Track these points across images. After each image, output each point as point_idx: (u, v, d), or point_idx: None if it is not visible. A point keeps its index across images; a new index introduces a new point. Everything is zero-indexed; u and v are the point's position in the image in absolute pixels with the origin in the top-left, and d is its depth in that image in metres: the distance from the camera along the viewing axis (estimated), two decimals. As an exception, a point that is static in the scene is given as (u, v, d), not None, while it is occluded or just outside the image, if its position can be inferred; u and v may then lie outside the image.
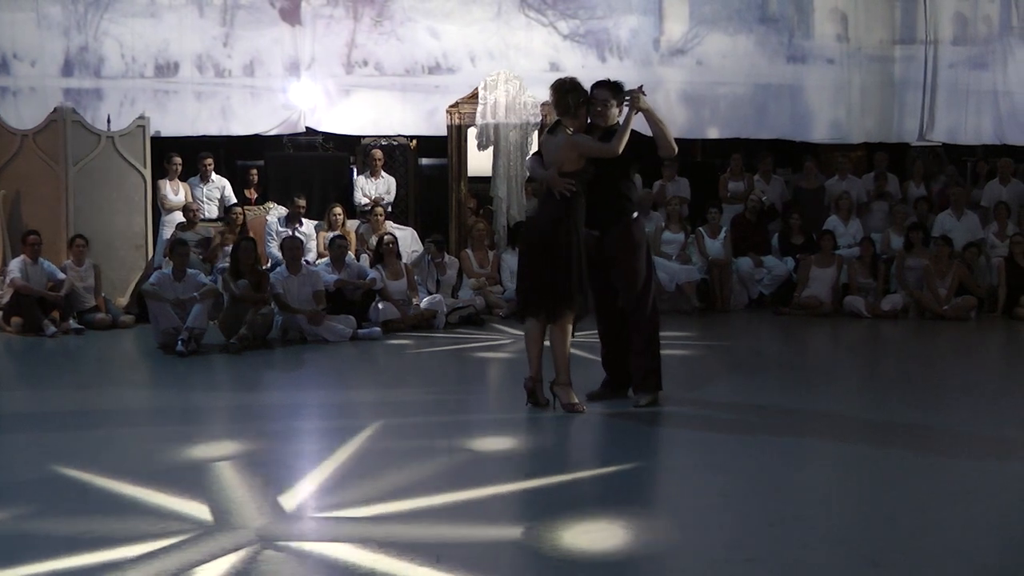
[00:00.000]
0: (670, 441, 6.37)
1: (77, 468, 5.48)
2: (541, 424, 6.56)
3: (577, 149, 6.65)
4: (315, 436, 6.59)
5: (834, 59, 14.41)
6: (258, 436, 6.33)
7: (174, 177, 12.57)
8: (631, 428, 6.52)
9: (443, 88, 13.74)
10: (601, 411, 6.83)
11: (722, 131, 14.48)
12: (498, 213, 12.77)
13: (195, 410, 7.31)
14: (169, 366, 8.88)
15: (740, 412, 6.90)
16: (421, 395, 7.65)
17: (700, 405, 7.10)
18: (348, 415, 7.06)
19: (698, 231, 12.72)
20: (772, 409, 7.03)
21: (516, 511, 5.01)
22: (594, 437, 6.48)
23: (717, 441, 6.16)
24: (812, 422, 6.68)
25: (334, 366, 9.08)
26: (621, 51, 14.09)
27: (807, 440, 6.22)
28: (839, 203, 13.11)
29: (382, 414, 6.91)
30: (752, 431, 6.35)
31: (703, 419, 6.70)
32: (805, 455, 5.93)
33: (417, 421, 6.73)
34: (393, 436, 6.31)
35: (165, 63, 13.57)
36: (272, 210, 12.77)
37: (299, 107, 13.73)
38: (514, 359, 6.87)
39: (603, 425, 6.64)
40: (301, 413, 7.18)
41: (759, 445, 6.04)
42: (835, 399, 7.53)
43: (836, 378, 8.60)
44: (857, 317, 11.68)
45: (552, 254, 6.56)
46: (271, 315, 9.98)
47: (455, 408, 7.17)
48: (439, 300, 11.08)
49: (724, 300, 12.44)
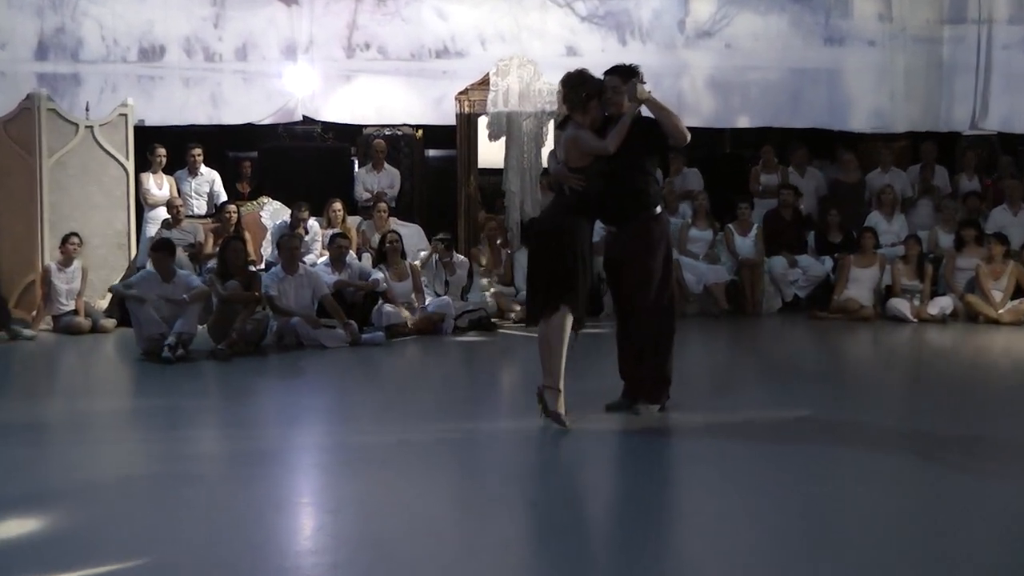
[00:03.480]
0: (693, 455, 6.33)
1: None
2: (552, 438, 6.55)
3: (577, 145, 6.71)
4: (307, 459, 6.58)
5: (876, 41, 14.34)
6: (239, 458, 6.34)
7: (159, 170, 12.55)
8: (648, 442, 6.49)
9: (451, 73, 13.72)
10: (616, 424, 6.81)
11: (753, 120, 14.43)
12: (511, 208, 12.74)
13: (177, 419, 7.31)
14: (153, 373, 8.88)
15: (770, 425, 6.86)
16: (427, 405, 7.64)
17: (727, 417, 7.06)
18: (347, 433, 7.03)
19: (727, 228, 12.68)
20: (806, 421, 6.99)
21: (514, 545, 4.95)
22: (609, 452, 6.45)
23: (745, 455, 6.12)
24: (850, 436, 6.63)
25: (331, 375, 9.08)
26: (643, 34, 14.06)
27: (844, 455, 6.17)
28: (881, 198, 13.05)
29: (384, 430, 6.89)
30: (783, 444, 6.31)
31: (730, 431, 6.66)
32: (842, 471, 5.88)
33: (421, 434, 6.71)
34: (396, 458, 6.29)
35: (150, 46, 13.58)
36: (266, 205, 12.79)
37: (296, 94, 13.73)
38: (528, 366, 6.86)
39: (618, 439, 6.62)
40: (291, 429, 7.16)
41: (791, 460, 6.00)
42: (876, 411, 7.47)
43: (877, 388, 8.55)
44: (901, 322, 11.61)
45: (556, 250, 6.57)
46: (265, 320, 9.98)
47: (463, 416, 7.16)
48: (447, 303, 11.06)
49: (755, 303, 12.38)
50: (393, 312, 10.71)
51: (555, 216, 6.79)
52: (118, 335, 10.76)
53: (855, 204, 13.35)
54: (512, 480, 5.78)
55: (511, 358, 10.11)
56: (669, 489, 5.78)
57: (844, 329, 11.31)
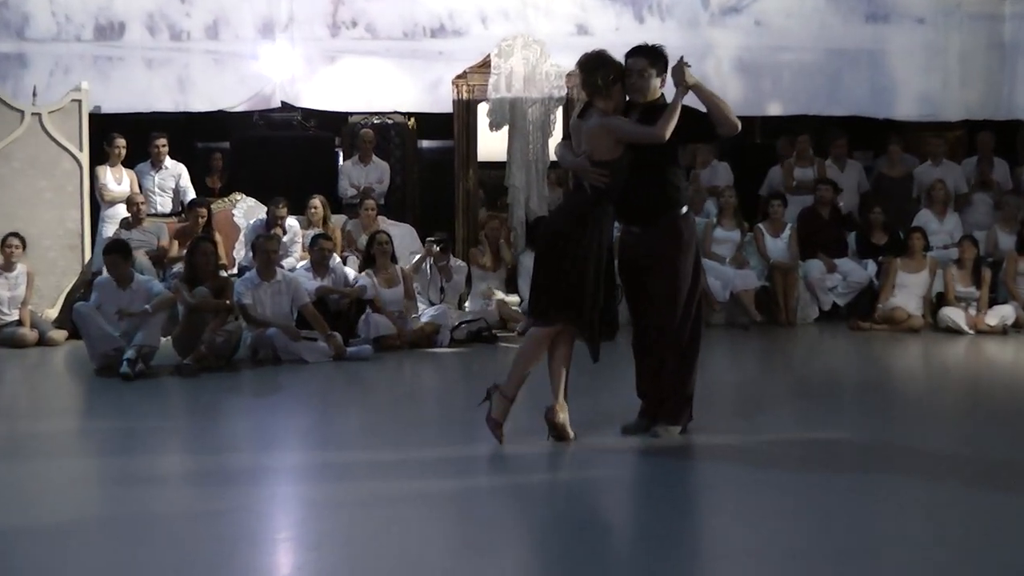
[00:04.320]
0: (718, 483, 6.31)
1: None
2: (561, 463, 6.52)
3: (613, 134, 6.67)
4: (285, 488, 6.56)
5: (925, 18, 14.31)
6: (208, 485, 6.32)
7: (117, 163, 12.56)
8: (669, 468, 6.47)
9: (448, 55, 13.72)
10: (633, 447, 6.79)
11: (786, 107, 14.41)
12: (515, 206, 12.75)
13: (136, 443, 7.29)
14: (108, 391, 8.85)
15: (805, 449, 6.86)
16: (420, 427, 7.62)
17: (756, 440, 7.05)
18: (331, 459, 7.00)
19: (757, 228, 12.68)
20: (846, 445, 6.98)
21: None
22: (626, 478, 6.44)
23: (776, 483, 6.10)
24: (896, 462, 6.61)
25: (312, 393, 9.05)
26: (662, 10, 14.04)
27: (889, 483, 6.15)
28: (932, 194, 13.05)
29: (372, 455, 6.87)
30: (820, 471, 6.30)
31: (760, 456, 6.65)
32: (886, 502, 5.86)
33: (413, 459, 6.70)
34: (385, 486, 6.27)
35: (107, 23, 13.55)
36: (240, 202, 12.78)
37: (273, 77, 13.71)
38: (532, 383, 6.84)
39: (635, 464, 6.61)
40: (267, 454, 7.14)
41: (828, 489, 5.98)
42: (925, 435, 7.45)
43: (926, 409, 8.52)
44: (955, 334, 11.61)
45: (569, 254, 6.55)
46: (238, 331, 9.97)
47: (460, 439, 7.13)
48: (443, 312, 11.07)
49: (789, 312, 12.38)
50: (382, 322, 10.69)
51: (569, 216, 6.75)
52: (69, 349, 10.74)
53: (902, 201, 13.34)
54: (516, 511, 5.76)
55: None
56: (691, 519, 5.75)
57: (890, 341, 11.30)
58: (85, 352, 9.73)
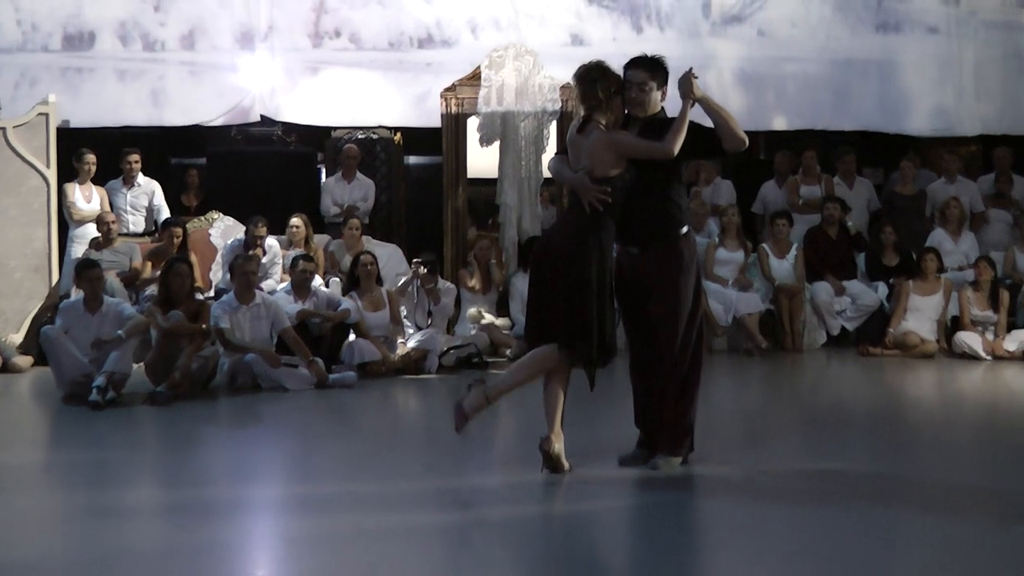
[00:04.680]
0: (721, 518, 6.30)
1: None
2: (556, 497, 6.52)
3: (616, 149, 6.67)
4: (264, 525, 6.55)
5: (938, 26, 14.39)
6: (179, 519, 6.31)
7: (87, 180, 12.57)
8: (669, 502, 6.45)
9: (437, 66, 13.78)
10: (631, 480, 6.78)
11: (791, 121, 14.47)
12: (506, 225, 12.76)
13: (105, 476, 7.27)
14: (77, 421, 8.83)
15: (813, 482, 6.83)
16: (407, 459, 7.61)
17: (761, 472, 7.03)
18: (312, 493, 6.99)
19: (761, 248, 12.70)
20: (856, 479, 6.96)
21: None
22: (623, 513, 6.43)
23: (782, 518, 6.09)
24: (909, 496, 6.60)
25: (293, 422, 9.03)
26: (661, 19, 14.11)
27: (903, 518, 6.14)
28: (946, 213, 13.08)
29: (357, 489, 6.86)
30: (828, 506, 6.29)
31: (765, 490, 6.64)
32: (899, 538, 5.86)
33: (400, 493, 6.69)
34: (370, 522, 6.26)
35: (77, 32, 13.60)
36: (217, 221, 12.79)
37: (252, 90, 13.77)
38: (525, 412, 6.84)
39: (632, 498, 6.60)
40: (245, 489, 7.13)
41: (837, 524, 5.96)
42: (940, 467, 7.44)
43: (941, 438, 8.52)
44: (971, 359, 11.63)
45: (570, 278, 6.56)
46: (214, 357, 9.97)
47: (450, 471, 7.13)
48: (431, 337, 11.07)
49: (795, 337, 12.41)
50: (366, 348, 10.69)
51: (568, 236, 6.73)
52: (35, 375, 10.73)
53: (914, 220, 13.38)
54: (508, 546, 5.74)
55: (505, 402, 10.07)
56: (692, 558, 5.73)
57: (902, 368, 11.31)
58: (52, 379, 9.72)
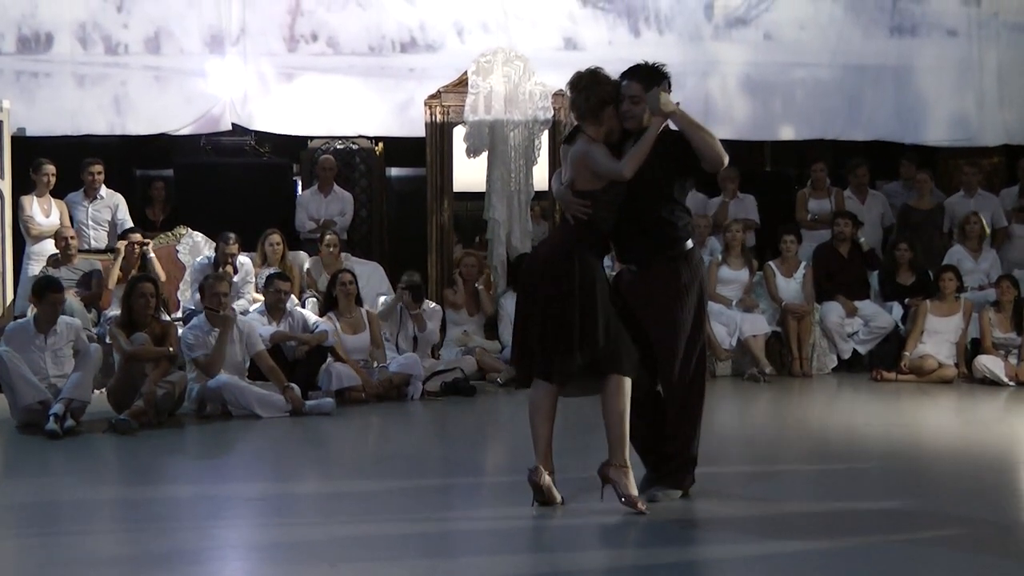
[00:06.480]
0: (725, 555, 6.29)
1: None
2: (547, 534, 6.50)
3: (586, 164, 6.69)
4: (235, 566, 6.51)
5: (958, 29, 14.43)
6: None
7: (45, 192, 12.56)
8: (669, 537, 6.44)
9: (420, 72, 13.80)
10: (628, 514, 6.75)
11: (799, 131, 14.50)
12: (495, 242, 12.76)
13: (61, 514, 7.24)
14: (31, 451, 8.80)
15: (825, 516, 6.83)
16: (389, 492, 7.59)
17: (767, 506, 7.03)
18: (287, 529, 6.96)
19: (767, 267, 12.71)
20: (869, 513, 6.95)
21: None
22: (620, 549, 6.41)
23: (791, 554, 6.07)
24: (928, 530, 6.60)
25: (267, 452, 9.02)
26: (661, 22, 14.13)
27: (920, 555, 6.14)
28: (966, 229, 13.09)
29: (335, 525, 6.83)
30: (839, 540, 6.27)
31: (772, 524, 6.64)
32: (919, 571, 5.85)
33: (381, 530, 6.66)
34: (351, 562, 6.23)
35: (32, 34, 13.59)
36: (184, 237, 12.77)
37: (223, 97, 13.76)
38: (514, 441, 6.82)
39: (630, 533, 6.56)
40: (214, 526, 7.09)
41: (849, 561, 5.96)
42: (960, 500, 7.44)
43: (962, 470, 8.51)
44: (993, 385, 11.63)
45: (552, 290, 6.56)
46: (182, 382, 9.94)
47: (435, 506, 7.10)
48: (414, 362, 11.06)
49: (803, 361, 12.42)
50: (345, 372, 10.67)
51: (556, 250, 6.72)
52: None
53: (931, 236, 13.38)
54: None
55: (493, 430, 10.06)
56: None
57: (918, 394, 11.33)
58: (6, 405, 9.68)
